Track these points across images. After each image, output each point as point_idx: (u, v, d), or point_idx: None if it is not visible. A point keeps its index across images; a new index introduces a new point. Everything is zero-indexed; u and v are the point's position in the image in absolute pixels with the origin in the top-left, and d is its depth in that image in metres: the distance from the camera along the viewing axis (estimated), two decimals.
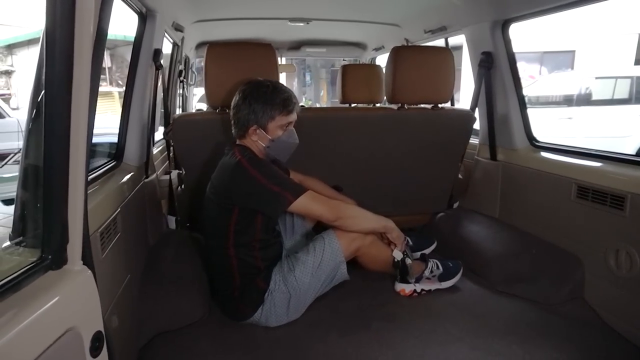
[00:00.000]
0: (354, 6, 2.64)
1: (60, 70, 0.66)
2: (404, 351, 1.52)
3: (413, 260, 1.93)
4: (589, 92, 7.70)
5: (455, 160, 2.39)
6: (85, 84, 0.69)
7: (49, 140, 0.67)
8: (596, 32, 9.50)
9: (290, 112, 1.68)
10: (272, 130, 1.67)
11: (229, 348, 1.55)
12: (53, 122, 0.66)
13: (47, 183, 0.67)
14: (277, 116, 1.65)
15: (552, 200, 1.96)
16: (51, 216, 0.68)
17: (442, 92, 2.16)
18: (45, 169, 0.67)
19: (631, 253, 1.58)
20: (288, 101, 1.66)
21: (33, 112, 0.81)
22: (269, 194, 1.57)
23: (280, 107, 1.65)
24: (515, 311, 1.78)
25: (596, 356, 1.49)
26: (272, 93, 1.66)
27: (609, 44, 9.80)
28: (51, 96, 0.66)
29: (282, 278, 1.65)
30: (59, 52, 0.65)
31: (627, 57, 9.91)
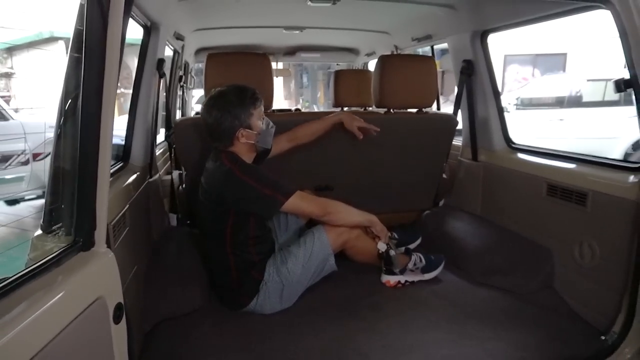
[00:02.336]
0: (346, 15, 2.79)
1: (95, 82, 0.81)
2: (388, 335, 1.66)
3: (398, 254, 2.09)
4: (580, 94, 7.85)
5: (440, 161, 2.54)
6: (112, 93, 0.84)
7: (84, 143, 0.82)
8: (587, 35, 9.68)
9: (260, 102, 1.82)
10: (255, 125, 1.80)
11: (228, 333, 1.69)
12: (87, 129, 0.82)
13: (81, 179, 0.82)
14: (253, 110, 1.79)
15: (526, 197, 2.11)
16: (83, 206, 0.83)
17: (426, 97, 2.32)
18: (80, 166, 0.82)
19: (592, 245, 1.74)
20: (254, 94, 1.80)
21: (62, 117, 0.97)
22: (262, 198, 1.71)
23: (252, 101, 1.79)
24: (490, 300, 1.93)
25: (560, 338, 1.64)
26: (240, 93, 1.79)
27: (600, 46, 9.96)
28: (87, 104, 0.81)
29: (275, 270, 1.81)
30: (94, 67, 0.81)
31: (617, 60, 10.07)
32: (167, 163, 2.72)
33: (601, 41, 9.76)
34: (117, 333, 0.89)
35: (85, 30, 0.80)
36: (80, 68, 0.87)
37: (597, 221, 1.72)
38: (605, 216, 1.68)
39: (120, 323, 0.90)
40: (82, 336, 0.79)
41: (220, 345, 1.60)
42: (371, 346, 1.59)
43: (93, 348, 0.84)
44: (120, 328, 0.91)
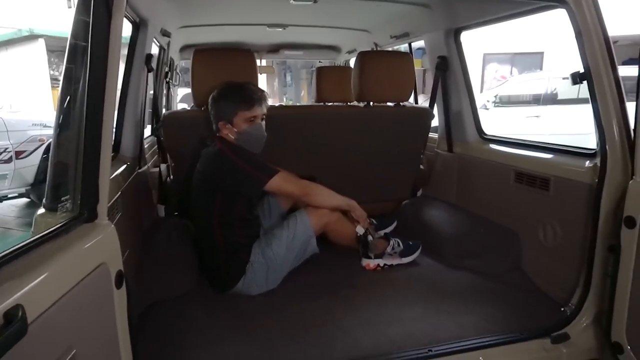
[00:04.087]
0: (328, 13, 2.90)
1: (99, 73, 0.91)
2: (366, 312, 1.78)
3: (377, 238, 2.21)
4: (556, 92, 8.12)
5: (417, 152, 2.68)
6: (114, 83, 0.94)
7: (90, 127, 0.92)
8: (564, 34, 9.96)
9: (252, 107, 1.94)
10: (238, 124, 1.94)
11: (217, 313, 1.79)
12: (92, 116, 0.91)
13: (86, 158, 0.92)
14: (240, 111, 1.93)
15: (496, 185, 2.26)
16: (88, 182, 0.93)
17: (404, 91, 2.45)
18: (85, 147, 0.91)
19: (554, 227, 1.88)
20: (249, 97, 1.94)
21: (63, 108, 1.06)
22: (249, 176, 1.86)
23: (242, 103, 1.93)
24: (463, 280, 2.06)
25: (525, 311, 1.78)
26: (235, 92, 1.94)
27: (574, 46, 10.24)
28: (93, 94, 0.91)
29: (260, 252, 1.92)
30: (98, 65, 0.90)
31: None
32: (154, 156, 2.80)
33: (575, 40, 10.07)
34: (118, 297, 0.99)
35: (91, 25, 0.89)
36: (82, 59, 0.96)
37: (559, 204, 1.86)
38: (565, 199, 1.82)
39: (121, 289, 1.00)
40: (88, 296, 0.88)
41: (209, 325, 1.68)
42: (352, 322, 1.70)
43: (98, 309, 0.94)
44: (122, 293, 1.01)
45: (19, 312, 0.65)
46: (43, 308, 0.74)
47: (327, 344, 1.57)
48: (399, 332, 1.63)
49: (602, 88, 1.55)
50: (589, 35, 1.55)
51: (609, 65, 1.54)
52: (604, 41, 1.55)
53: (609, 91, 1.54)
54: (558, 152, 1.98)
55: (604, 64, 1.55)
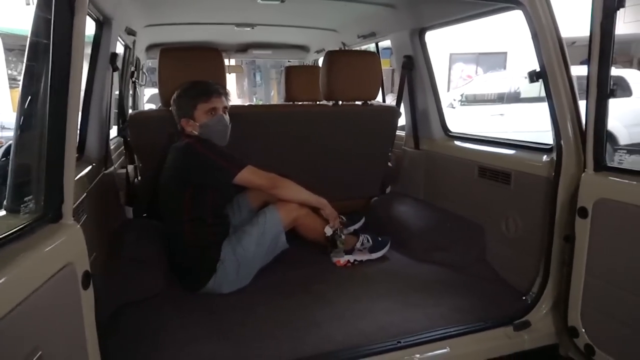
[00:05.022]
0: (296, 13, 2.92)
1: (63, 75, 0.90)
2: (338, 307, 1.81)
3: (346, 235, 2.25)
4: (519, 90, 8.40)
5: (386, 150, 2.73)
6: (77, 82, 0.93)
7: (53, 126, 0.91)
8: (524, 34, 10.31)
9: (209, 98, 1.97)
10: (199, 118, 1.98)
11: (189, 312, 1.78)
12: (56, 115, 0.90)
13: (50, 158, 0.91)
14: (199, 104, 1.97)
15: (461, 180, 2.33)
16: (52, 182, 0.92)
17: (371, 90, 2.49)
18: (50, 146, 0.90)
19: (515, 219, 1.97)
20: (204, 90, 1.98)
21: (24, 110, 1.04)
22: (218, 169, 1.88)
23: (199, 96, 1.97)
24: (431, 273, 2.12)
25: (489, 301, 1.85)
26: (192, 88, 1.99)
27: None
28: (56, 93, 0.90)
29: (231, 249, 1.92)
30: (61, 63, 0.89)
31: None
32: (121, 157, 2.75)
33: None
34: (85, 298, 0.98)
35: (53, 23, 0.88)
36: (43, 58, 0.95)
37: (519, 197, 1.94)
38: (525, 192, 1.91)
39: (88, 289, 0.99)
40: (54, 297, 0.87)
41: (182, 324, 1.68)
42: (324, 316, 1.73)
43: (64, 309, 0.93)
44: (89, 294, 1.00)
45: None
46: (8, 308, 0.73)
47: (300, 339, 1.59)
48: (369, 325, 1.67)
49: (557, 86, 1.64)
50: (543, 36, 1.63)
51: (563, 64, 1.63)
52: (557, 42, 1.63)
53: (563, 89, 1.62)
54: (518, 148, 2.07)
55: (557, 64, 1.63)
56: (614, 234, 1.46)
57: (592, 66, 1.44)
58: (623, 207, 1.40)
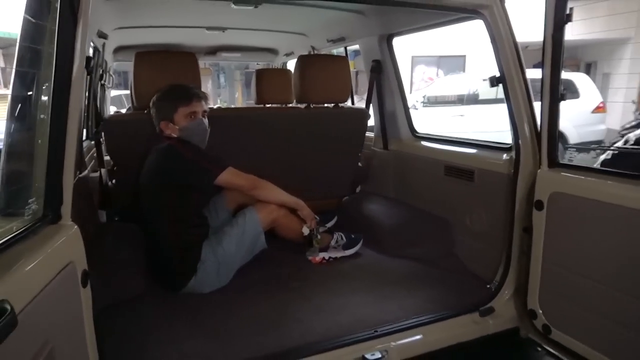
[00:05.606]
0: (267, 17, 2.97)
1: (65, 82, 0.94)
2: (317, 302, 1.89)
3: (321, 234, 2.34)
4: (477, 92, 8.75)
5: (356, 151, 2.84)
6: (78, 91, 0.97)
7: (54, 132, 0.94)
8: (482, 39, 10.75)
9: (190, 102, 2.02)
10: (179, 121, 2.02)
11: (172, 312, 1.81)
12: (58, 121, 0.94)
13: (50, 162, 0.94)
14: (179, 108, 2.01)
15: (429, 178, 2.46)
16: (52, 185, 0.95)
17: (341, 93, 2.59)
18: (49, 153, 0.94)
19: (479, 213, 2.11)
20: (185, 94, 2.03)
21: (15, 116, 1.07)
22: (200, 169, 1.93)
23: (179, 100, 2.02)
24: (403, 267, 2.24)
25: (457, 291, 1.98)
26: (172, 91, 2.03)
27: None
28: (57, 102, 0.94)
29: (211, 249, 1.97)
30: (64, 70, 0.93)
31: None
32: (91, 161, 2.72)
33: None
34: (85, 295, 1.02)
35: (57, 30, 0.92)
36: (36, 63, 0.98)
37: (482, 193, 2.09)
38: (487, 188, 2.05)
39: (86, 287, 1.03)
40: (59, 294, 0.91)
41: (165, 324, 1.71)
42: (304, 312, 1.81)
43: (68, 305, 0.97)
44: (87, 291, 1.04)
45: (7, 306, 0.68)
46: (23, 305, 0.77)
47: (282, 333, 1.66)
48: (347, 317, 1.76)
49: (514, 90, 1.78)
50: (502, 44, 1.77)
51: (519, 70, 1.77)
52: (514, 49, 1.78)
53: (520, 93, 1.77)
54: (480, 147, 2.22)
55: (515, 69, 1.77)
56: (566, 223, 1.61)
57: (545, 73, 1.59)
58: (574, 199, 1.56)
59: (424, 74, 13.05)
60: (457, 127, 7.73)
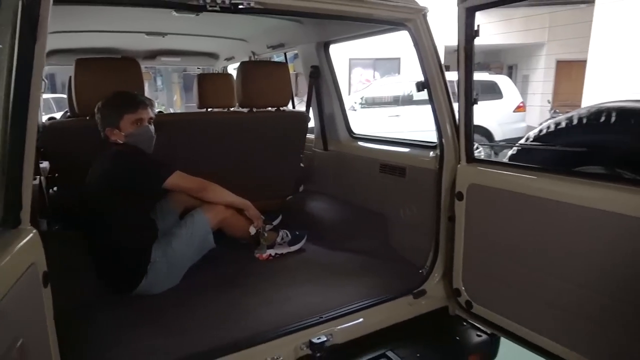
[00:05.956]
0: (207, 23, 3.02)
1: (23, 93, 0.99)
2: (266, 295, 2.00)
3: (267, 232, 2.46)
4: (411, 93, 9.20)
5: (298, 152, 2.98)
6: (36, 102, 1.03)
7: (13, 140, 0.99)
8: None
9: (136, 110, 2.06)
10: (125, 128, 2.05)
11: (125, 313, 1.84)
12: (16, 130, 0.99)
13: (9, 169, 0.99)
14: (125, 115, 2.04)
15: (366, 176, 2.65)
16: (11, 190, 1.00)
17: (282, 97, 2.73)
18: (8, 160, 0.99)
19: (411, 206, 2.32)
20: (132, 101, 2.07)
21: None
22: (148, 174, 1.99)
23: (125, 107, 2.05)
24: (345, 259, 2.40)
25: (394, 277, 2.16)
26: (118, 98, 2.06)
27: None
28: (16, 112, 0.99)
29: (161, 251, 2.03)
30: (22, 83, 0.99)
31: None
32: None
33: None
34: (46, 295, 1.08)
35: (18, 48, 0.97)
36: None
37: (413, 188, 2.30)
38: (417, 183, 2.26)
39: (47, 287, 1.09)
40: (23, 294, 0.97)
41: (119, 325, 1.74)
42: (254, 305, 1.92)
43: (31, 305, 1.03)
44: (48, 291, 1.10)
45: None
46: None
47: (235, 325, 1.75)
48: (294, 307, 1.89)
49: (437, 95, 2.00)
50: (425, 52, 1.98)
51: (441, 77, 1.99)
52: (435, 57, 1.99)
53: (441, 96, 1.99)
54: (411, 146, 2.44)
55: (437, 76, 1.99)
56: (481, 211, 1.85)
57: (460, 79, 1.82)
58: (487, 189, 1.79)
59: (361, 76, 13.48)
60: (394, 127, 8.13)
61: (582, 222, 1.49)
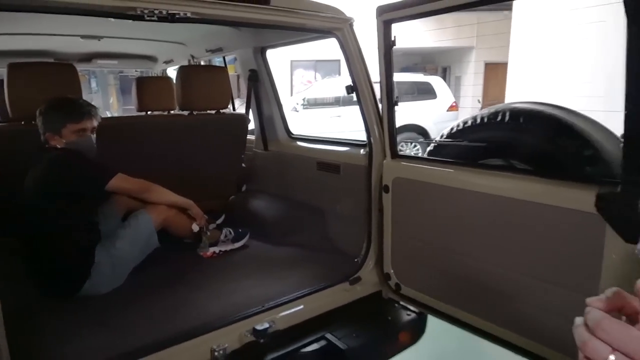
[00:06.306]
0: (144, 27, 3.04)
1: None
2: (211, 289, 2.10)
3: (211, 230, 2.55)
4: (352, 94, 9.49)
5: (239, 153, 3.09)
6: None
7: None
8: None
9: (80, 120, 2.08)
10: (66, 136, 2.07)
11: (70, 316, 1.85)
12: None
13: None
14: (68, 124, 2.06)
15: (304, 174, 2.81)
16: None
17: (222, 100, 2.83)
18: None
19: (347, 201, 2.50)
20: (77, 111, 2.08)
21: None
22: (90, 176, 2.03)
23: (70, 115, 2.06)
24: (286, 253, 2.55)
25: (332, 266, 2.31)
26: (64, 104, 2.07)
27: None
28: None
29: (105, 252, 2.06)
30: None
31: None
32: None
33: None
34: None
35: None
36: None
37: (347, 183, 2.48)
38: (351, 179, 2.44)
39: None
40: None
41: (64, 326, 1.76)
42: (200, 299, 2.01)
43: None
44: None
45: None
46: None
47: (181, 318, 1.83)
48: (239, 298, 2.00)
49: (365, 97, 2.19)
50: (352, 59, 2.16)
51: (367, 80, 2.18)
52: (362, 63, 2.18)
53: (368, 99, 2.18)
54: (345, 145, 2.62)
55: (364, 81, 2.18)
56: (404, 201, 2.05)
57: (381, 84, 2.01)
58: (408, 182, 2.00)
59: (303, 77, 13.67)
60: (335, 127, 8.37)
61: (488, 207, 1.72)
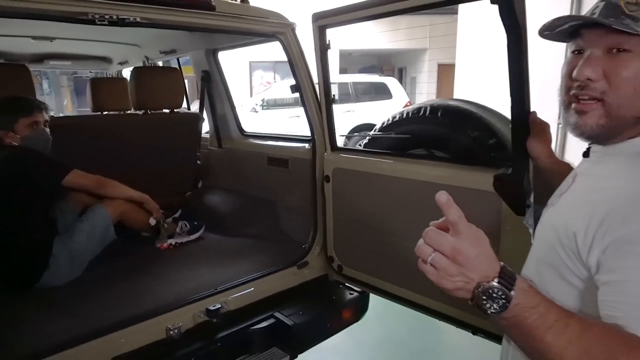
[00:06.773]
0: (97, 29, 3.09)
1: None
2: (167, 277, 2.22)
3: (168, 224, 2.68)
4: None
5: (194, 150, 3.22)
6: None
7: None
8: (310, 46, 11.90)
9: (32, 113, 2.18)
10: (21, 131, 2.16)
11: (28, 306, 1.93)
12: None
13: None
14: (20, 118, 2.16)
15: (257, 169, 2.97)
16: None
17: (176, 100, 2.95)
18: None
19: (295, 193, 2.69)
20: (26, 105, 2.18)
21: None
22: (46, 173, 2.10)
23: (20, 110, 2.16)
24: (240, 244, 2.70)
25: (282, 253, 2.47)
26: (10, 102, 2.16)
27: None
28: None
29: (63, 244, 2.16)
30: None
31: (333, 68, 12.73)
32: None
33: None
34: None
35: None
36: None
37: (295, 176, 2.66)
38: (298, 172, 2.63)
39: None
40: None
41: (22, 315, 1.84)
42: (157, 286, 2.14)
43: None
44: None
45: None
46: None
47: (138, 304, 1.94)
48: (194, 284, 2.14)
49: (307, 97, 2.38)
50: (295, 60, 2.35)
51: (309, 82, 2.37)
52: (304, 65, 2.37)
53: (311, 98, 2.38)
54: (293, 141, 2.81)
55: (306, 81, 2.37)
56: (342, 189, 2.26)
57: (319, 85, 2.21)
58: (346, 172, 2.21)
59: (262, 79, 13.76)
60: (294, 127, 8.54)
61: (415, 192, 1.93)
